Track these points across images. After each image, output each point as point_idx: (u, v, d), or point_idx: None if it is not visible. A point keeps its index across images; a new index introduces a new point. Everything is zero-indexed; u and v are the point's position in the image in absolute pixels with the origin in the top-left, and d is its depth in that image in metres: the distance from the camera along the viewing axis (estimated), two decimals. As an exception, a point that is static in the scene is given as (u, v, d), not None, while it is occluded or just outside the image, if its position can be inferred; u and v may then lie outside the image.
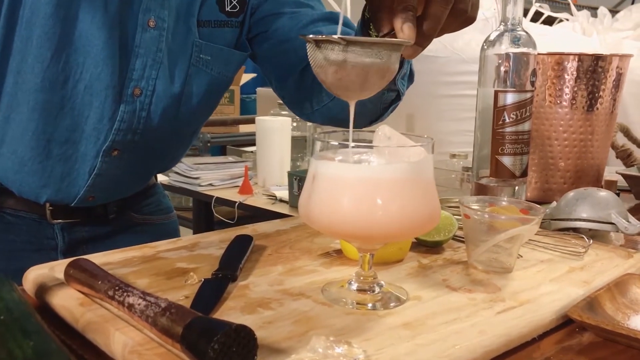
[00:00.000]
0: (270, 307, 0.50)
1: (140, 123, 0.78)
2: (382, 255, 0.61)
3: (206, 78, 0.83)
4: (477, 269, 0.62)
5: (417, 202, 0.49)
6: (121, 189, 0.88)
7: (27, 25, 0.70)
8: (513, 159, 0.90)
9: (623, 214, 0.71)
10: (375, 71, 0.51)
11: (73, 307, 0.49)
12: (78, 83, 0.74)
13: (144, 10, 0.74)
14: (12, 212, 0.82)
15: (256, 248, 0.65)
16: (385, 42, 0.51)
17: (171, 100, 0.80)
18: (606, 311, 0.54)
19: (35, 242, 0.84)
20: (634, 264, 0.65)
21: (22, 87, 0.73)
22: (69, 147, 0.77)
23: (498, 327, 0.48)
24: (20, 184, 0.78)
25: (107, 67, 0.73)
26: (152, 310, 0.44)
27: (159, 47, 0.76)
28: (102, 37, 0.72)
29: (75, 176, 0.79)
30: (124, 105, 0.76)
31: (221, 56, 0.83)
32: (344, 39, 0.49)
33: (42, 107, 0.73)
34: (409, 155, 0.50)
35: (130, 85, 0.76)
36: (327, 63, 0.51)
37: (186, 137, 0.92)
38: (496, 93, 0.89)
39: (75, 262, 0.53)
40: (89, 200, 0.82)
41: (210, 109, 0.92)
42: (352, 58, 0.50)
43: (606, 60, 0.95)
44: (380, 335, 0.46)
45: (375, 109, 0.84)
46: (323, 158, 0.51)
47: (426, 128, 2.02)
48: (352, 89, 0.52)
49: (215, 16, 0.82)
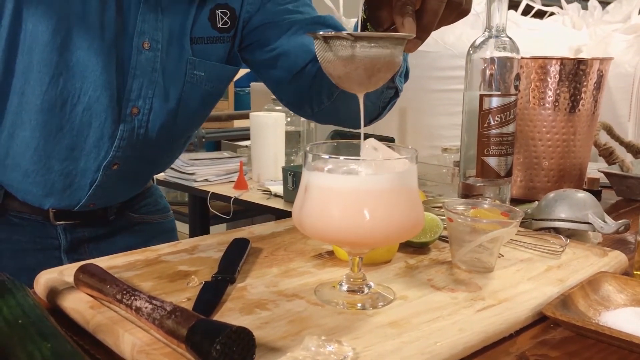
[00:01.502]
0: (266, 308, 0.54)
1: (139, 139, 0.82)
2: (371, 257, 0.65)
3: (200, 92, 0.86)
4: (461, 268, 0.66)
5: (401, 210, 0.53)
6: (120, 195, 0.92)
7: (28, 51, 0.73)
8: (498, 159, 0.94)
9: (599, 214, 0.75)
10: (382, 64, 0.54)
11: (83, 310, 0.53)
12: (76, 106, 0.77)
13: (138, 34, 0.77)
14: (17, 215, 0.85)
15: (252, 250, 0.69)
16: (390, 37, 0.55)
17: (168, 115, 0.83)
18: (579, 308, 0.58)
19: (39, 242, 0.87)
20: (608, 262, 0.69)
21: (25, 107, 0.76)
22: (69, 164, 0.80)
23: (477, 325, 0.52)
24: (25, 193, 0.82)
25: (105, 90, 0.77)
26: (158, 313, 0.47)
27: (155, 68, 0.79)
28: (99, 62, 0.75)
29: (76, 188, 0.83)
30: (123, 125, 0.79)
31: (214, 72, 0.86)
32: (352, 35, 0.52)
33: (43, 127, 0.77)
34: (394, 166, 0.54)
35: (128, 105, 0.79)
36: (336, 58, 0.54)
37: (181, 143, 0.96)
38: (481, 97, 0.92)
39: (84, 267, 0.57)
40: (90, 207, 0.86)
41: (205, 117, 0.95)
42: (360, 52, 0.53)
43: (587, 64, 0.99)
44: (368, 333, 0.50)
45: (375, 108, 0.87)
46: (314, 169, 0.54)
47: (418, 122, 2.05)
48: (360, 82, 0.55)
49: (208, 33, 0.84)
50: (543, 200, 0.80)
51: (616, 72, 2.09)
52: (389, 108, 0.89)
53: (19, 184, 0.81)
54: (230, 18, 0.85)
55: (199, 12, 0.82)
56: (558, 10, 2.66)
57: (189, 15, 0.81)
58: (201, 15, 0.83)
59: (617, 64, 2.12)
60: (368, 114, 0.88)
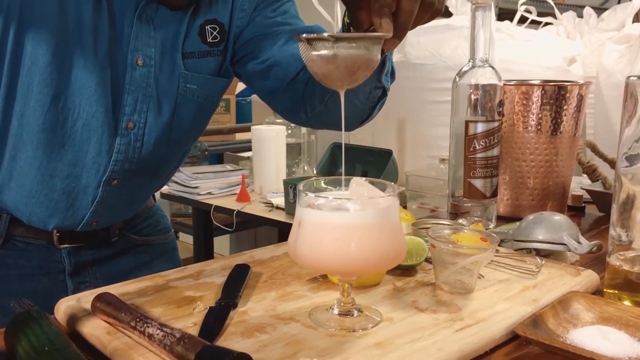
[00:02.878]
0: (265, 332, 0.60)
1: (135, 153, 0.86)
2: (361, 280, 0.71)
3: (194, 105, 0.90)
4: (444, 290, 0.72)
5: (385, 242, 0.59)
6: (122, 212, 0.96)
7: (27, 74, 0.78)
8: (484, 181, 1.00)
9: (574, 235, 0.81)
10: (361, 62, 0.60)
11: (101, 335, 0.59)
12: (76, 122, 0.81)
13: (132, 51, 0.81)
14: (22, 240, 0.89)
15: (253, 275, 0.75)
16: (367, 37, 0.60)
17: (163, 129, 0.87)
18: (549, 326, 0.64)
19: (45, 266, 0.91)
20: (581, 281, 0.75)
21: (25, 129, 0.80)
22: (72, 181, 0.84)
23: (455, 344, 0.58)
24: (30, 214, 0.86)
25: (101, 106, 0.81)
26: (168, 339, 0.53)
27: (148, 83, 0.84)
28: (94, 79, 0.80)
29: (78, 206, 0.87)
30: (119, 139, 0.84)
31: (206, 85, 0.90)
32: (333, 36, 0.58)
33: (45, 145, 0.81)
34: (378, 202, 0.60)
35: (123, 119, 0.83)
36: (318, 58, 0.59)
37: (179, 156, 0.99)
38: (467, 123, 0.99)
39: (101, 296, 0.63)
40: (93, 224, 0.90)
41: (201, 130, 0.98)
42: (340, 52, 0.59)
43: (567, 89, 1.05)
44: (356, 354, 0.56)
45: (364, 109, 0.90)
46: (307, 206, 0.60)
47: (417, 133, 2.10)
48: (342, 79, 0.61)
49: (198, 47, 0.88)
50: (523, 222, 0.86)
51: (609, 81, 2.15)
52: (378, 108, 0.92)
53: (24, 206, 0.85)
54: (219, 32, 0.90)
55: (190, 27, 0.87)
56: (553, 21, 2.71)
57: (180, 31, 0.86)
58: (191, 30, 0.87)
59: (609, 73, 2.17)
60: (359, 115, 0.92)
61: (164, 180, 1.03)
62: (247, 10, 0.92)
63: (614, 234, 0.73)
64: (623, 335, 0.62)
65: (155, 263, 1.04)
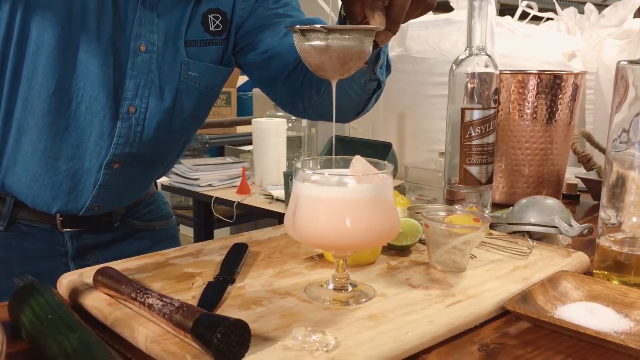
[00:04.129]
0: (261, 305, 0.62)
1: (136, 137, 0.87)
2: (357, 259, 0.73)
3: (195, 92, 0.91)
4: (437, 269, 0.73)
5: (379, 218, 0.61)
6: (124, 198, 0.97)
7: (32, 58, 0.79)
8: (479, 168, 1.02)
9: (566, 219, 0.83)
10: (353, 54, 0.62)
11: (102, 307, 0.61)
12: (80, 105, 0.83)
13: (135, 37, 0.83)
14: (26, 223, 0.91)
15: (251, 254, 0.77)
16: (359, 29, 0.62)
17: (164, 114, 0.88)
18: (538, 303, 0.65)
19: (48, 249, 0.92)
20: (571, 262, 0.77)
21: (30, 112, 0.82)
22: (75, 163, 0.86)
23: (445, 318, 0.60)
24: (34, 197, 0.87)
25: (103, 89, 0.83)
26: (167, 308, 0.55)
27: (150, 69, 0.85)
28: (97, 63, 0.81)
29: (81, 189, 0.88)
30: (121, 122, 0.85)
31: (208, 72, 0.91)
32: (326, 28, 0.60)
33: (50, 128, 0.83)
34: (373, 179, 0.61)
35: (125, 104, 0.85)
36: (311, 48, 0.61)
37: (180, 145, 1.00)
38: (463, 110, 1.00)
39: (102, 270, 0.65)
40: (95, 209, 0.91)
41: (202, 119, 1.00)
42: (333, 43, 0.60)
43: (563, 78, 1.07)
44: (349, 325, 0.58)
45: (359, 100, 0.92)
46: (304, 181, 0.62)
47: (416, 127, 2.12)
48: (334, 70, 0.63)
49: (201, 36, 0.90)
50: (516, 206, 0.88)
51: (609, 77, 2.16)
52: (374, 100, 0.94)
53: (28, 189, 0.86)
54: (222, 22, 0.91)
55: (193, 16, 0.88)
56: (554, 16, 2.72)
57: (183, 19, 0.87)
58: (195, 19, 0.89)
59: (609, 69, 2.18)
60: (354, 106, 0.94)
61: (164, 168, 1.04)
62: (249, 1, 0.94)
63: (604, 216, 0.75)
64: (609, 311, 0.64)
65: (157, 248, 1.04)
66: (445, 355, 0.57)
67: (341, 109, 0.65)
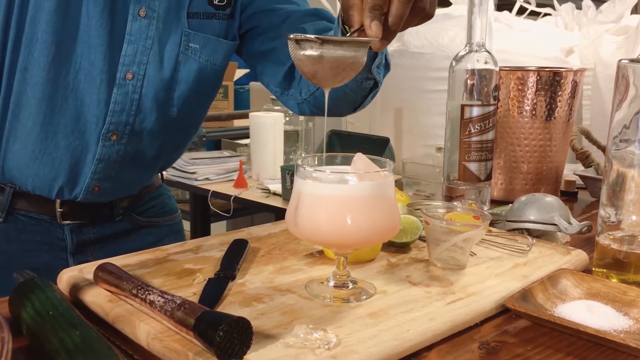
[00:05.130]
0: (262, 301, 0.62)
1: (133, 105, 0.86)
2: (357, 256, 0.73)
3: (195, 65, 0.90)
4: (437, 266, 0.73)
5: (380, 215, 0.61)
6: (124, 183, 0.94)
7: (31, 22, 0.78)
8: (478, 165, 1.02)
9: (565, 216, 0.83)
10: (347, 65, 0.62)
11: (103, 303, 0.61)
12: (78, 73, 0.82)
13: (135, 1, 0.82)
14: (25, 214, 0.90)
15: (251, 250, 0.77)
16: (354, 41, 0.62)
17: (162, 85, 0.87)
18: (537, 301, 0.66)
19: (47, 242, 0.91)
20: (570, 260, 0.77)
21: (29, 82, 0.80)
22: (75, 138, 0.84)
23: (446, 315, 0.60)
24: (34, 177, 0.86)
25: (99, 53, 0.81)
26: (169, 305, 0.55)
27: (149, 35, 0.84)
28: (94, 25, 0.80)
29: (82, 166, 0.87)
30: (117, 88, 0.84)
31: (209, 45, 0.90)
32: (319, 38, 0.60)
33: (49, 98, 0.81)
34: (374, 177, 0.61)
35: (122, 70, 0.84)
36: (305, 58, 0.61)
37: (182, 132, 0.98)
38: (463, 107, 1.00)
39: (103, 266, 0.65)
40: (95, 190, 0.89)
41: (202, 100, 0.96)
42: (326, 54, 0.61)
43: (562, 75, 1.07)
44: (350, 323, 0.58)
45: (355, 97, 0.91)
46: (306, 178, 0.62)
47: (413, 122, 2.11)
48: (326, 79, 0.63)
49: (204, 8, 0.89)
50: (515, 203, 0.88)
51: (606, 73, 2.16)
52: (370, 97, 0.93)
53: (28, 168, 0.85)
54: None
55: None
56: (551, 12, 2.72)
57: None
58: None
59: (607, 65, 2.18)
60: (351, 102, 0.93)
61: (167, 157, 1.01)
62: None
63: (604, 214, 0.75)
64: (609, 309, 0.64)
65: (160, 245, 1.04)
66: (445, 352, 0.57)
67: (337, 104, 0.65)
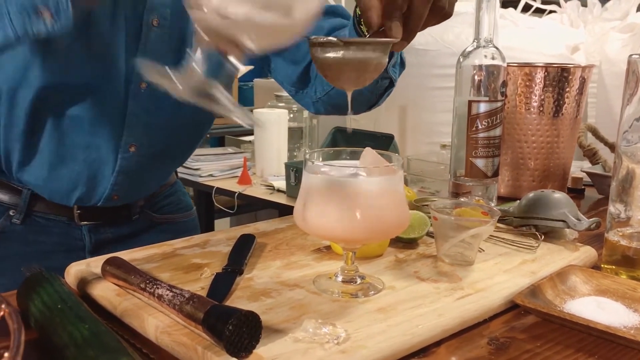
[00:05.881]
0: (270, 296, 0.62)
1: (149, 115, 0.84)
2: (364, 251, 0.73)
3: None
4: (445, 262, 0.73)
5: (390, 210, 0.61)
6: (143, 187, 0.95)
7: None
8: (485, 161, 1.01)
9: (574, 213, 0.82)
10: (368, 65, 0.61)
11: (111, 297, 0.61)
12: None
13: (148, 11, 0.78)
14: (43, 216, 0.90)
15: (258, 245, 0.77)
16: (375, 42, 0.62)
17: None
18: (546, 297, 0.65)
19: (65, 243, 0.91)
20: (579, 256, 0.76)
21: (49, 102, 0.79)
22: (92, 152, 0.84)
23: (455, 311, 0.60)
24: (51, 190, 0.86)
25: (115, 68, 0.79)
26: (178, 299, 0.55)
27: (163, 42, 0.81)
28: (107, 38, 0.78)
29: (100, 178, 0.86)
30: (132, 100, 0.82)
31: None
32: (342, 41, 0.59)
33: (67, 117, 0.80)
34: (384, 171, 0.61)
35: (136, 80, 0.82)
36: (327, 60, 0.61)
37: (197, 130, 0.98)
38: (470, 103, 1.00)
39: (111, 260, 0.65)
40: (114, 199, 0.89)
41: None
42: (349, 55, 0.60)
43: (570, 71, 1.06)
44: (359, 318, 0.58)
45: (370, 97, 0.91)
46: (315, 172, 0.62)
47: (418, 119, 2.11)
48: (349, 82, 0.62)
49: None
50: (524, 200, 0.87)
51: (612, 70, 2.15)
52: (385, 96, 0.93)
53: (46, 181, 0.85)
54: None
55: None
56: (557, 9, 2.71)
57: None
58: None
59: (612, 63, 2.17)
60: (365, 102, 0.93)
61: (181, 156, 1.01)
62: None
63: (613, 211, 0.74)
64: (619, 305, 0.64)
65: None
66: (455, 348, 0.57)
67: (352, 104, 0.65)
